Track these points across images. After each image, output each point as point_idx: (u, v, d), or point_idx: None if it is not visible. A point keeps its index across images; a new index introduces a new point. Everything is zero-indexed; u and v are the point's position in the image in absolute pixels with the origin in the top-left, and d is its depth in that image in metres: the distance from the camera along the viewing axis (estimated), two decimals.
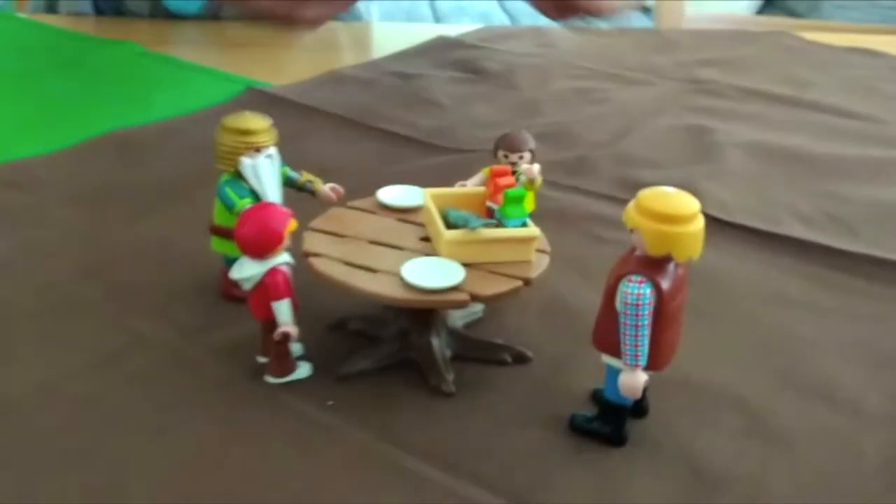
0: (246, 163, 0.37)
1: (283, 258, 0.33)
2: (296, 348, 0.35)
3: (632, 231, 0.28)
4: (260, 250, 0.32)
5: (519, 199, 0.34)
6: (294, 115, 0.62)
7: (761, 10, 2.59)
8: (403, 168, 0.54)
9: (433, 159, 0.56)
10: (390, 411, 0.33)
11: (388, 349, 0.35)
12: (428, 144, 0.58)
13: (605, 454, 0.31)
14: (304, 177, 0.40)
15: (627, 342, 0.29)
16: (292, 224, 0.32)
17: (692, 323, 0.39)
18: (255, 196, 0.37)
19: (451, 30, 0.88)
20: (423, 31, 0.86)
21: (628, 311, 0.28)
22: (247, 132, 0.37)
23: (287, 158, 0.52)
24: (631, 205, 0.29)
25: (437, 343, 0.35)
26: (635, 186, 0.41)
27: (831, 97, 0.70)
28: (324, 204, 0.39)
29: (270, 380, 0.34)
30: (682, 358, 0.34)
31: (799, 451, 0.32)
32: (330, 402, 0.33)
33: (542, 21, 0.73)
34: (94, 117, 0.60)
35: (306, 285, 0.33)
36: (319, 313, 0.37)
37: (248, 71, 0.71)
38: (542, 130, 0.62)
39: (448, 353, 0.35)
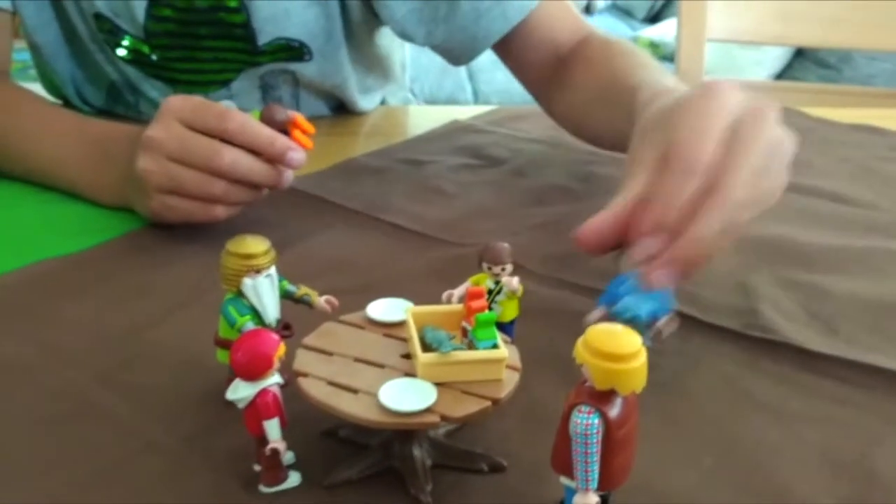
0: (247, 283, 0.40)
1: (273, 379, 0.36)
2: (288, 457, 0.38)
3: (580, 365, 0.31)
4: (252, 374, 0.35)
5: (489, 323, 0.37)
6: (307, 208, 0.66)
7: (791, 62, 2.62)
8: (406, 265, 0.57)
9: (435, 253, 0.59)
10: None
11: (372, 459, 0.38)
12: (432, 238, 0.61)
13: None
14: (300, 290, 0.43)
15: (578, 467, 0.31)
16: (281, 350, 0.36)
17: (658, 427, 0.42)
18: (255, 313, 0.41)
19: (467, 112, 0.92)
20: (440, 114, 0.91)
21: (578, 440, 0.31)
22: (248, 256, 0.41)
23: (298, 252, 0.56)
24: (580, 341, 0.32)
25: (418, 453, 0.38)
26: None
27: (826, 180, 0.73)
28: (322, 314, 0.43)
29: (263, 489, 0.37)
30: (647, 463, 0.37)
31: None
32: None
33: None
34: (118, 217, 0.64)
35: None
36: (313, 421, 0.40)
37: None
38: (542, 220, 0.65)
39: (428, 462, 0.38)
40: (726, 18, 1.32)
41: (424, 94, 2.85)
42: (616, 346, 0.31)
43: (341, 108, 0.91)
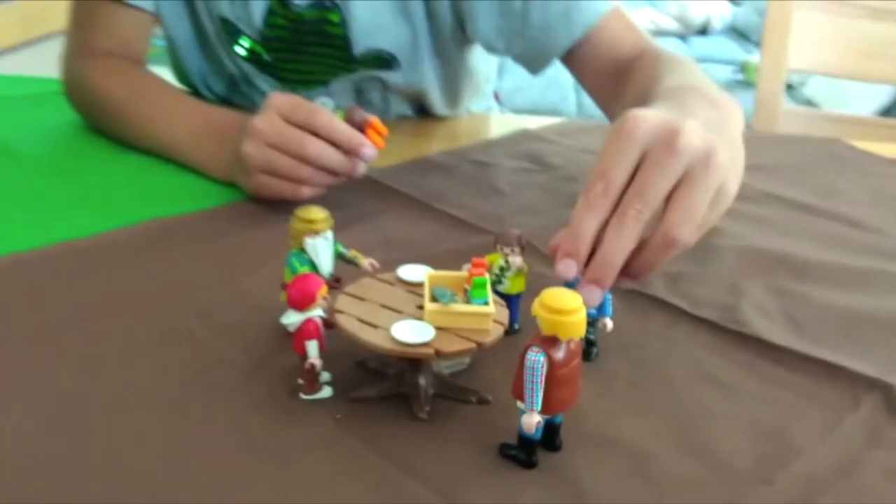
0: (308, 242, 0.52)
1: (316, 312, 0.47)
2: (325, 376, 0.49)
3: (535, 316, 0.42)
4: (299, 305, 0.47)
5: (482, 286, 0.48)
6: (376, 193, 0.77)
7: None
8: (449, 247, 0.68)
9: (476, 239, 0.70)
10: (380, 429, 0.47)
11: (388, 384, 0.49)
12: (477, 227, 0.72)
13: (516, 473, 0.44)
14: (351, 253, 0.55)
15: (527, 394, 0.42)
16: (324, 290, 0.47)
17: (622, 388, 0.52)
18: (313, 266, 0.53)
19: (541, 121, 1.03)
20: (515, 123, 1.02)
21: (527, 373, 0.41)
22: (310, 221, 0.53)
23: (361, 227, 0.68)
24: (537, 298, 0.42)
25: (423, 382, 0.49)
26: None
27: (849, 207, 0.80)
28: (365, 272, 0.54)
29: (303, 396, 0.49)
30: (602, 414, 0.48)
31: (668, 495, 0.43)
32: (338, 416, 0.47)
33: None
34: (224, 189, 0.78)
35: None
36: (350, 354, 0.51)
37: None
38: None
39: (431, 391, 0.49)
40: (809, 50, 1.37)
41: (528, 102, 2.95)
42: (559, 303, 0.41)
43: (426, 112, 1.02)
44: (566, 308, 0.41)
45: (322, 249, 0.53)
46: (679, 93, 0.64)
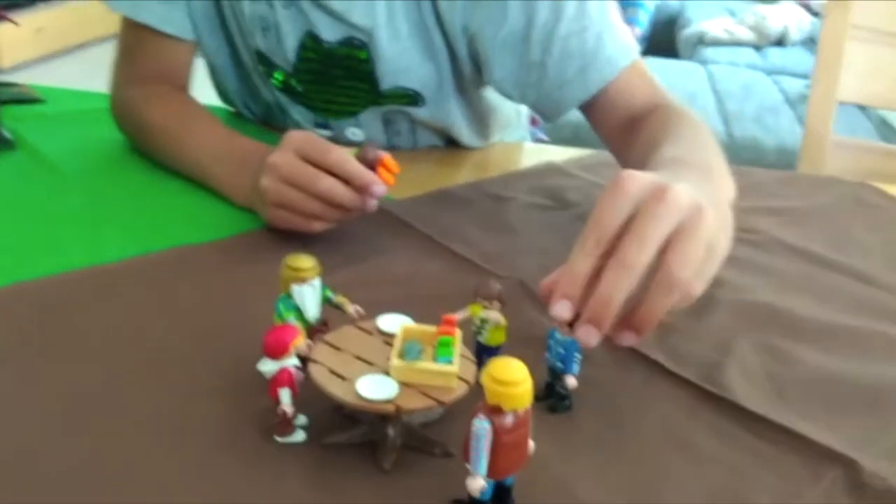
0: (294, 289, 0.55)
1: (291, 361, 0.50)
2: (301, 419, 0.52)
3: (480, 385, 0.44)
4: (274, 354, 0.50)
5: (447, 345, 0.50)
6: (391, 228, 0.80)
7: None
8: (451, 290, 0.69)
9: (476, 280, 0.71)
10: (343, 474, 0.49)
11: (359, 431, 0.52)
12: (479, 267, 0.74)
13: None
14: (337, 299, 0.57)
15: (472, 458, 0.44)
16: (298, 340, 0.50)
17: (589, 447, 0.53)
18: (299, 311, 0.56)
19: (564, 153, 1.04)
20: (545, 154, 1.03)
21: (472, 438, 0.43)
22: (297, 269, 0.55)
23: (367, 263, 0.71)
24: (485, 367, 0.44)
25: (391, 433, 0.51)
26: None
27: (862, 260, 0.79)
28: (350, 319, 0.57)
29: (276, 438, 0.52)
30: (560, 471, 0.49)
31: None
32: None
33: None
34: (235, 209, 0.81)
35: None
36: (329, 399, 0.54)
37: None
38: None
39: (398, 441, 0.51)
40: (860, 81, 1.35)
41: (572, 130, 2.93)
42: (504, 374, 0.43)
43: (455, 142, 1.05)
44: (510, 380, 0.43)
45: (308, 296, 0.56)
46: (673, 164, 0.65)
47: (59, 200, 0.83)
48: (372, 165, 0.73)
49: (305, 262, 0.56)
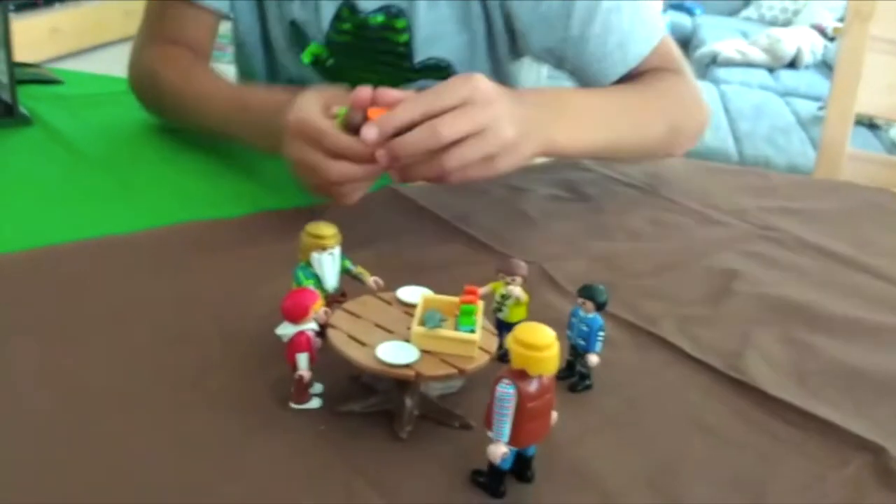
0: (314, 256, 0.54)
1: (309, 325, 0.49)
2: (317, 387, 0.51)
3: (500, 360, 0.43)
4: (293, 318, 0.49)
5: (469, 313, 0.49)
6: (410, 212, 0.79)
7: None
8: (468, 270, 0.69)
9: (490, 263, 0.71)
10: (360, 444, 0.48)
11: (375, 400, 0.51)
12: (499, 252, 0.73)
13: (483, 501, 0.45)
14: (357, 269, 0.57)
15: (494, 424, 0.43)
16: (318, 304, 0.49)
17: (609, 428, 0.52)
18: (318, 280, 0.55)
19: None
20: None
21: (496, 403, 0.42)
22: (318, 236, 0.55)
23: (385, 243, 0.70)
24: (511, 332, 0.43)
25: (409, 402, 0.50)
26: (639, 315, 0.55)
27: (882, 259, 0.78)
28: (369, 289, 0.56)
29: (292, 405, 0.51)
30: (580, 450, 0.48)
31: None
32: (322, 427, 0.49)
33: None
34: (247, 190, 0.81)
35: None
36: (346, 367, 0.53)
37: None
38: (597, 253, 0.75)
39: (416, 411, 0.50)
40: (879, 94, 1.34)
41: None
42: (530, 338, 0.42)
43: None
44: (537, 343, 0.42)
45: (327, 265, 0.55)
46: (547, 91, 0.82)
47: (75, 176, 0.82)
48: (359, 125, 0.70)
49: (327, 229, 0.55)
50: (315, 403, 0.51)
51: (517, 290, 0.55)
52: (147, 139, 0.94)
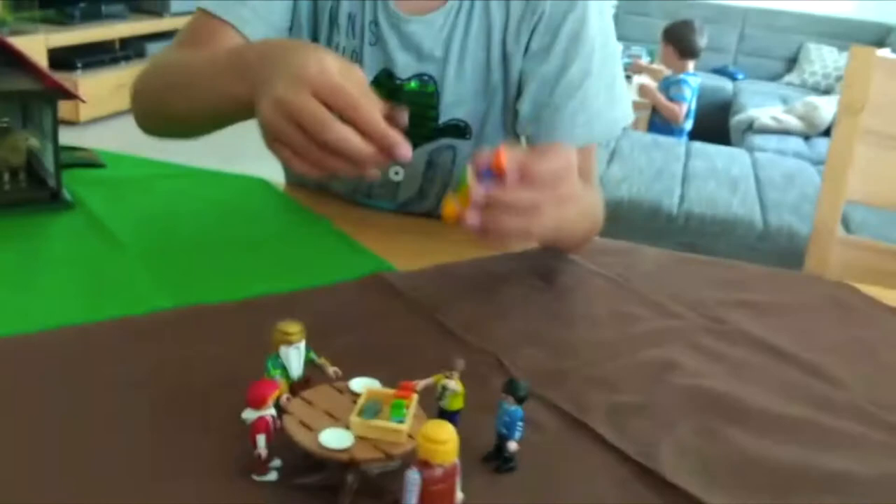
0: (282, 350, 0.65)
1: (268, 411, 0.59)
2: (276, 462, 0.61)
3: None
4: (254, 405, 0.59)
5: (399, 406, 0.58)
6: (389, 299, 0.89)
7: None
8: (433, 358, 0.77)
9: (454, 350, 0.79)
10: None
11: (325, 475, 0.60)
12: (464, 342, 0.82)
13: None
14: (319, 360, 0.67)
15: (405, 501, 0.52)
16: (275, 394, 0.59)
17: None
18: (285, 369, 0.65)
19: None
20: None
21: (406, 486, 0.52)
22: (286, 333, 0.65)
23: (360, 334, 0.79)
24: (421, 428, 0.52)
25: (350, 479, 0.59)
26: (575, 403, 0.65)
27: (819, 355, 0.85)
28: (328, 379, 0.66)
29: (253, 476, 0.60)
30: None
31: None
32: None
33: None
34: (257, 273, 0.92)
35: None
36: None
37: (393, 252, 1.00)
38: (554, 344, 0.84)
39: (356, 486, 0.60)
40: (867, 183, 1.41)
41: (632, 192, 3.02)
42: (433, 434, 0.51)
43: None
44: (439, 438, 0.51)
45: (293, 357, 0.65)
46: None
47: (105, 260, 0.94)
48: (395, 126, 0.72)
49: (293, 327, 0.65)
50: (272, 476, 0.61)
51: (452, 384, 0.65)
52: (176, 225, 1.05)
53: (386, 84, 1.08)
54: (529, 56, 1.06)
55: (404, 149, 0.72)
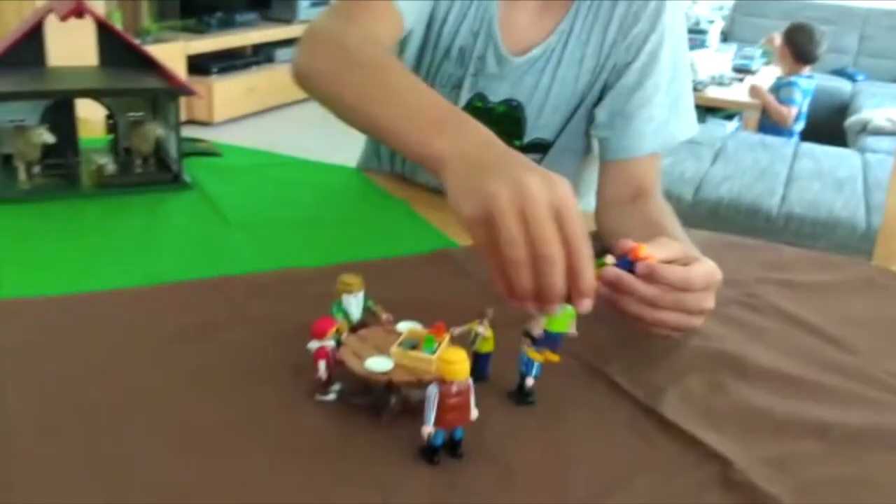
0: (344, 297, 0.79)
1: (328, 342, 0.73)
2: (336, 385, 0.75)
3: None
4: (316, 336, 0.73)
5: (430, 341, 0.71)
6: (447, 268, 1.02)
7: None
8: (469, 313, 0.89)
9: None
10: (357, 423, 0.71)
11: (374, 396, 0.74)
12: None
13: (422, 467, 0.66)
14: (375, 307, 0.80)
15: (425, 413, 0.64)
16: (332, 330, 0.73)
17: (536, 429, 0.72)
18: (346, 314, 0.79)
19: None
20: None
21: (426, 399, 0.64)
22: (347, 284, 0.79)
23: (415, 291, 0.92)
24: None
25: (393, 401, 0.72)
26: (598, 356, 0.78)
27: (841, 327, 0.92)
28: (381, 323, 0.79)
29: (316, 396, 0.74)
30: (509, 438, 0.69)
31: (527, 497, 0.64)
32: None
33: None
34: (341, 247, 1.06)
35: None
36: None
37: (461, 236, 1.12)
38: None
39: (398, 407, 0.72)
40: None
41: (733, 192, 3.04)
42: (447, 355, 0.64)
43: None
44: (451, 359, 0.64)
45: (352, 304, 0.79)
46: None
47: (216, 231, 1.11)
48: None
49: (353, 279, 0.79)
50: (332, 397, 0.74)
51: (482, 329, 0.77)
52: (282, 206, 1.21)
53: (477, 106, 1.23)
54: (609, 69, 1.20)
55: (586, 305, 0.70)
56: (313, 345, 0.73)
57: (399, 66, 0.98)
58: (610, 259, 0.79)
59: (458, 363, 0.64)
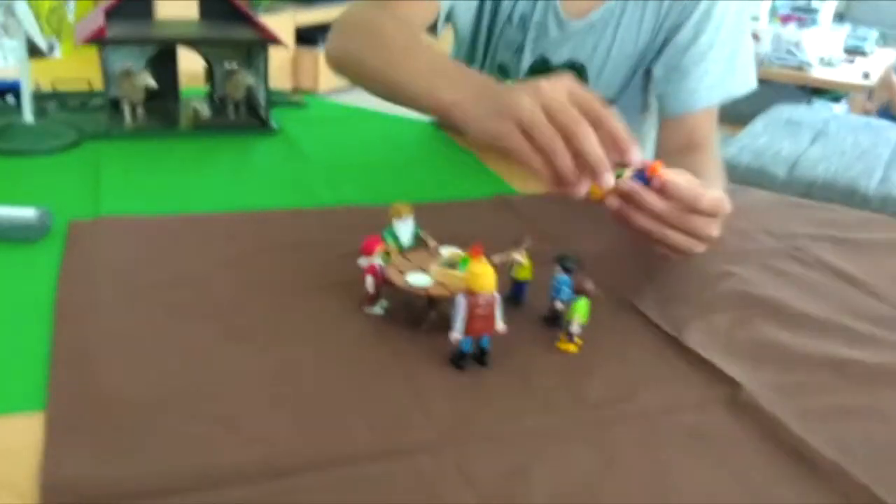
0: (394, 222, 0.86)
1: (376, 259, 0.80)
2: (382, 303, 0.82)
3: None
4: (365, 253, 0.80)
5: (466, 261, 0.77)
6: (501, 210, 1.08)
7: None
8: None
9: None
10: (400, 332, 0.78)
11: (416, 310, 0.81)
12: (553, 239, 1.00)
13: (450, 371, 0.73)
14: (423, 234, 0.87)
15: (455, 321, 0.71)
16: (380, 248, 0.80)
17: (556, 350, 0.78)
18: (396, 238, 0.86)
19: None
20: None
21: (455, 308, 0.71)
22: (398, 210, 0.86)
23: (465, 227, 0.99)
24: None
25: (432, 314, 0.79)
26: (633, 292, 0.83)
27: (885, 282, 0.94)
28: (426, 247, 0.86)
29: (365, 309, 0.82)
30: (522, 355, 0.75)
31: (543, 401, 0.70)
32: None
33: None
34: (407, 188, 1.14)
35: None
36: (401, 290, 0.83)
37: (523, 184, 1.19)
38: (634, 255, 0.99)
39: (436, 320, 0.79)
40: None
41: (828, 174, 2.97)
42: (473, 268, 0.70)
43: None
44: (478, 272, 0.70)
45: (402, 229, 0.86)
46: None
47: (297, 169, 1.20)
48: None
49: (404, 206, 0.86)
50: (378, 310, 0.82)
51: (519, 257, 0.83)
52: (361, 151, 1.30)
53: (540, 69, 1.28)
54: (668, 28, 1.23)
55: (635, 154, 0.82)
56: (363, 261, 0.81)
57: (424, 43, 1.08)
58: (628, 172, 0.84)
59: (484, 276, 0.70)
